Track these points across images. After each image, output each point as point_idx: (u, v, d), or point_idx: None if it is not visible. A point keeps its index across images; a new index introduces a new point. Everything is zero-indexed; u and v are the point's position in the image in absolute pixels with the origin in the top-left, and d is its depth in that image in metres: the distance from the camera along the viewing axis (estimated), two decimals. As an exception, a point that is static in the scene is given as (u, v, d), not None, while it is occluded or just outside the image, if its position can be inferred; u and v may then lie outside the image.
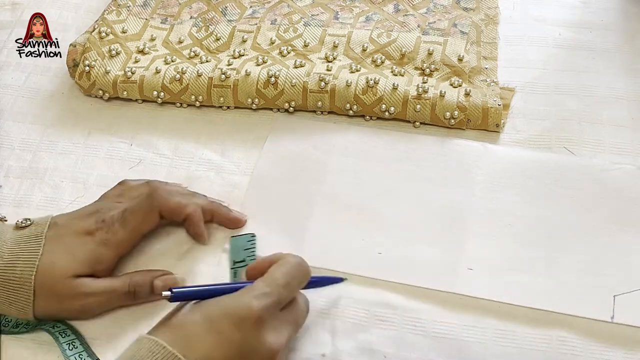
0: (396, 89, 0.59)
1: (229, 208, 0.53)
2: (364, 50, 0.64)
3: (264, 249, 0.51)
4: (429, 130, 0.59)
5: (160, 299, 0.45)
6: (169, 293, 0.42)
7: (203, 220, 0.51)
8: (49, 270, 0.46)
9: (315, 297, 0.48)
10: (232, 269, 0.50)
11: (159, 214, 0.50)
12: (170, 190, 0.51)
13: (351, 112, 0.60)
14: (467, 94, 0.59)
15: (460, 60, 0.63)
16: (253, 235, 0.52)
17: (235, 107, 0.62)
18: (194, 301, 0.42)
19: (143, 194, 0.50)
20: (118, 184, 0.54)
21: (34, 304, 0.45)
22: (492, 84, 0.62)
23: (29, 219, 0.49)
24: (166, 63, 0.63)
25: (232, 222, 0.53)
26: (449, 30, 0.66)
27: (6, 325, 0.47)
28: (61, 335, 0.46)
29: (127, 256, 0.51)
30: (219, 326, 0.40)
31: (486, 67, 0.63)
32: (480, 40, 0.66)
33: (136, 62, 0.64)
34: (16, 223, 0.48)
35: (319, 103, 0.60)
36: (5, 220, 0.49)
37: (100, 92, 0.63)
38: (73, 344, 0.46)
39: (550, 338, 0.46)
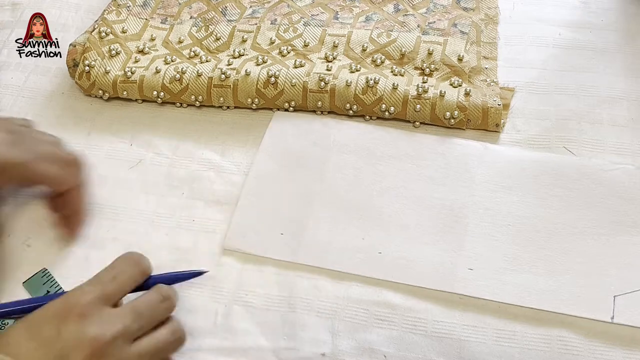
0: (396, 88, 0.59)
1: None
2: (364, 50, 0.64)
3: (262, 249, 0.51)
4: (429, 130, 0.59)
5: None
6: None
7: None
8: None
9: (315, 297, 0.48)
10: None
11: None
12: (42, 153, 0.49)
13: (351, 112, 0.60)
14: (467, 94, 0.59)
15: (460, 60, 0.63)
16: (44, 270, 0.50)
17: (235, 107, 0.62)
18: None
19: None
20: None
21: None
22: (492, 83, 0.62)
23: None
24: (166, 63, 0.63)
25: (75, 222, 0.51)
26: (449, 30, 0.66)
27: None
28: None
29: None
30: (38, 330, 0.39)
31: (486, 67, 0.63)
32: (480, 40, 0.66)
33: (136, 62, 0.64)
34: None
35: (319, 103, 0.60)
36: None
37: (100, 92, 0.63)
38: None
39: (550, 338, 0.46)
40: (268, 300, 0.49)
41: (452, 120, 0.59)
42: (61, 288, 0.49)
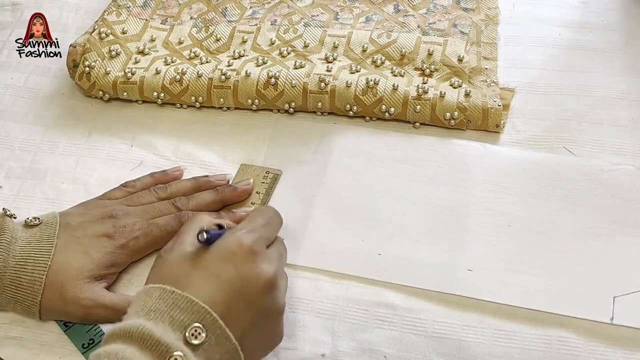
0: (396, 89, 0.59)
1: (233, 186, 0.54)
2: (364, 50, 0.64)
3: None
4: (429, 131, 0.59)
5: None
6: (205, 235, 0.41)
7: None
8: (62, 269, 0.46)
9: (315, 297, 0.48)
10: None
11: None
12: (196, 215, 0.50)
13: (351, 112, 0.60)
14: (467, 95, 0.59)
15: (460, 60, 0.63)
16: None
17: (236, 108, 0.62)
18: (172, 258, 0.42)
19: (167, 214, 0.51)
20: (122, 185, 0.54)
21: (40, 303, 0.45)
22: (492, 84, 0.62)
23: (38, 218, 0.49)
24: (166, 64, 0.63)
25: (242, 196, 0.54)
26: (449, 31, 0.66)
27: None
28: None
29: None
30: (213, 270, 0.40)
31: (486, 67, 0.63)
32: (480, 40, 0.66)
33: (136, 62, 0.64)
34: (25, 221, 0.48)
35: (319, 104, 0.60)
36: (15, 217, 0.49)
37: (100, 93, 0.63)
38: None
39: (550, 338, 0.46)
40: (268, 301, 0.49)
41: (452, 121, 0.59)
42: None
